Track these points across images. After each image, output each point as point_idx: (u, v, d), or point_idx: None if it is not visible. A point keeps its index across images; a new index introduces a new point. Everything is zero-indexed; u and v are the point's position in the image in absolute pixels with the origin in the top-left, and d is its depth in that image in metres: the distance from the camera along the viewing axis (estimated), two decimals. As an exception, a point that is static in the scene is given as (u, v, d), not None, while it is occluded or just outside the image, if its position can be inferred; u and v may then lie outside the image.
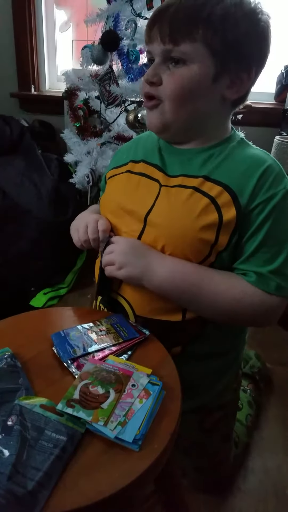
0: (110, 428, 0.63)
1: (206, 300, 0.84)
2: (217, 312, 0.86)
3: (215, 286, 0.84)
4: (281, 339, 1.88)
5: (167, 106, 0.83)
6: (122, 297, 0.93)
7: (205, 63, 0.79)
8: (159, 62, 0.82)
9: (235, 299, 0.83)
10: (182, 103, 0.82)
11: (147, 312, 0.90)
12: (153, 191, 0.89)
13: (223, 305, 0.84)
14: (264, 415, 1.51)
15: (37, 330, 0.86)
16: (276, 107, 2.35)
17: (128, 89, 1.72)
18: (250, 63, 0.82)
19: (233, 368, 1.06)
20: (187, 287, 0.84)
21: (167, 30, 0.79)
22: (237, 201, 0.82)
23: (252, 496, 1.24)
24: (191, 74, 0.80)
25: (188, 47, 0.78)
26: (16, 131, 2.35)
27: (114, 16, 1.70)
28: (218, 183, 0.83)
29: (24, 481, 0.55)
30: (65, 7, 2.57)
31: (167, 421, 0.67)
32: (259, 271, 0.82)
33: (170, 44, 0.79)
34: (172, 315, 0.88)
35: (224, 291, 0.83)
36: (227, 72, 0.80)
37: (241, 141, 0.91)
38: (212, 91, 0.82)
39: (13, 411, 0.64)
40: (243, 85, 0.83)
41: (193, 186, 0.84)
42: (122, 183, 0.96)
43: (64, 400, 0.67)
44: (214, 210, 0.82)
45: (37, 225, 2.04)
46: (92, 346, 0.80)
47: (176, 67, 0.80)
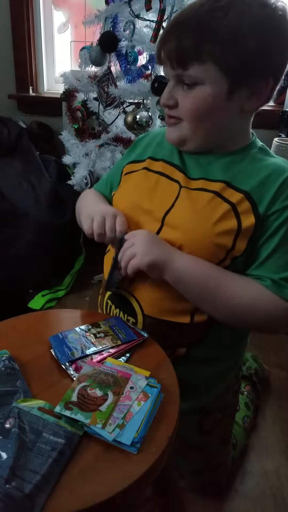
0: (108, 430, 0.63)
1: (222, 297, 0.83)
2: (231, 312, 0.84)
3: (233, 284, 0.83)
4: (278, 341, 1.88)
5: (186, 124, 0.84)
6: (132, 296, 0.92)
7: (217, 83, 0.78)
8: (173, 84, 0.83)
9: (251, 301, 0.82)
10: (200, 122, 0.83)
11: (156, 312, 0.89)
12: (172, 192, 0.89)
13: (238, 305, 0.83)
14: (262, 417, 1.51)
15: (35, 332, 0.86)
16: (275, 109, 2.35)
17: (127, 90, 1.71)
18: (265, 70, 0.79)
19: (234, 371, 1.06)
20: (206, 281, 0.83)
21: (174, 56, 0.79)
22: (256, 209, 0.82)
23: (249, 498, 1.24)
24: (204, 95, 0.80)
25: (198, 70, 0.78)
26: (14, 133, 2.34)
27: (113, 18, 1.69)
28: (239, 190, 0.83)
29: (22, 484, 0.55)
30: (63, 8, 2.57)
31: (166, 423, 0.67)
32: (273, 278, 0.81)
33: (180, 69, 0.80)
34: (181, 317, 0.88)
35: (240, 291, 0.82)
36: (244, 85, 0.79)
37: (262, 148, 0.91)
38: (228, 106, 0.81)
39: (11, 414, 0.63)
40: (263, 94, 0.81)
41: (214, 191, 0.85)
42: (139, 181, 0.95)
43: (62, 403, 0.66)
44: (234, 217, 0.82)
45: (35, 227, 2.04)
46: (90, 349, 0.80)
47: (189, 89, 0.81)
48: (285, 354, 1.83)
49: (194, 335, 0.91)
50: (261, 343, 1.84)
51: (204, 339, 0.92)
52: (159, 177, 0.92)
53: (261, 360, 1.66)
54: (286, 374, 1.71)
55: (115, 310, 0.97)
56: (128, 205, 0.94)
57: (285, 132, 2.17)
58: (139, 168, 0.97)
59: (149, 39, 1.62)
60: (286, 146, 1.99)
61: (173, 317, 0.89)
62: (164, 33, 0.83)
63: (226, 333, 0.93)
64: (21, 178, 2.14)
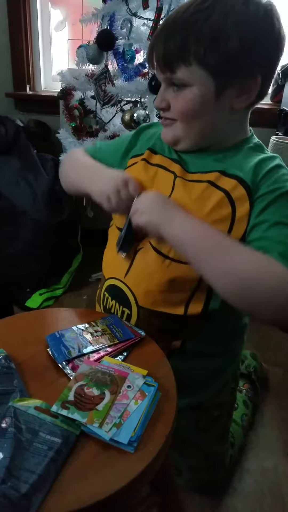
0: (105, 429, 0.63)
1: (226, 259, 0.75)
2: (234, 279, 0.73)
3: (238, 248, 0.76)
4: (276, 339, 1.88)
5: (179, 124, 0.86)
6: (127, 286, 0.93)
7: (204, 83, 0.80)
8: (164, 87, 0.86)
9: (255, 266, 0.73)
10: (191, 122, 0.85)
11: (150, 303, 0.90)
12: (169, 183, 0.90)
13: (243, 270, 0.73)
14: (260, 415, 1.51)
15: (32, 331, 0.86)
16: (272, 108, 2.34)
17: (124, 89, 1.71)
18: (254, 68, 0.80)
19: (232, 368, 1.06)
20: (208, 243, 0.77)
21: (162, 59, 0.82)
22: (250, 193, 0.82)
23: (247, 496, 1.24)
24: (193, 96, 0.81)
25: (185, 72, 0.80)
26: (11, 131, 2.34)
27: (110, 16, 1.69)
28: (233, 176, 0.84)
29: (18, 484, 0.55)
30: (60, 7, 2.57)
31: (163, 422, 0.67)
32: (279, 250, 0.75)
33: (168, 72, 0.82)
34: (175, 308, 0.89)
35: (247, 255, 0.75)
36: (231, 84, 0.80)
37: (257, 144, 0.92)
38: (217, 106, 0.82)
39: (7, 413, 0.63)
40: (252, 91, 0.82)
41: (208, 180, 0.86)
42: (140, 172, 0.96)
43: (59, 402, 0.66)
44: (228, 204, 0.83)
45: (33, 226, 2.04)
46: (87, 347, 0.80)
47: (179, 91, 0.83)
48: (283, 352, 1.83)
49: (188, 328, 0.91)
50: (259, 341, 1.84)
51: (199, 333, 0.92)
52: (157, 169, 0.94)
53: (260, 359, 1.65)
54: (284, 372, 1.72)
55: (111, 301, 0.98)
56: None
57: (282, 131, 2.17)
58: (138, 160, 0.98)
59: (147, 37, 1.62)
60: (283, 145, 1.99)
61: (167, 308, 0.89)
62: (153, 38, 0.85)
63: (222, 327, 0.93)
64: (18, 176, 2.13)
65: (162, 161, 0.94)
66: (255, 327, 1.89)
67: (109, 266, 1.01)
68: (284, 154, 1.99)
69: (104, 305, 1.01)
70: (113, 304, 0.97)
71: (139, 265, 0.91)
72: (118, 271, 0.96)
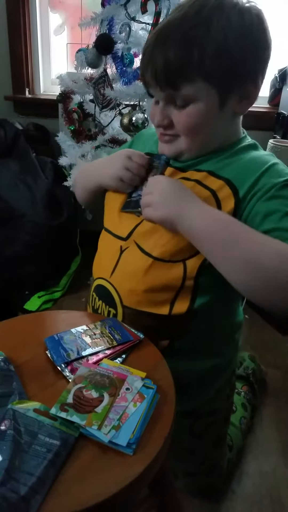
0: (104, 432, 0.63)
1: (242, 250, 0.72)
2: (256, 268, 0.70)
3: (257, 236, 0.74)
4: (274, 342, 1.89)
5: (183, 140, 0.86)
6: (112, 285, 0.93)
7: (209, 97, 0.80)
8: (164, 104, 0.84)
9: (278, 253, 0.69)
10: (197, 135, 0.85)
11: (135, 303, 0.90)
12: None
13: (264, 256, 0.70)
14: (259, 418, 1.51)
15: (31, 333, 0.86)
16: (270, 111, 2.35)
17: (123, 92, 1.72)
18: (255, 75, 0.82)
19: (225, 374, 1.05)
20: (221, 233, 0.75)
21: (163, 76, 0.79)
22: (237, 194, 0.82)
23: (246, 499, 1.24)
24: (199, 111, 0.81)
25: (189, 89, 0.79)
26: (10, 134, 2.34)
27: (109, 20, 1.70)
28: (221, 177, 0.85)
29: (17, 486, 0.55)
30: (59, 11, 2.57)
31: (161, 425, 0.67)
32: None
33: (170, 90, 0.81)
34: (160, 308, 0.89)
35: (266, 242, 0.72)
36: (234, 92, 0.81)
37: (251, 143, 0.92)
38: (222, 114, 0.83)
39: (6, 416, 0.63)
40: (252, 96, 0.84)
41: (196, 179, 0.86)
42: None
43: (57, 404, 0.66)
44: (214, 203, 0.83)
45: (32, 229, 2.04)
46: (86, 350, 0.80)
47: (182, 107, 0.82)
48: (281, 354, 1.83)
49: (175, 327, 0.91)
50: (258, 343, 1.85)
51: (186, 332, 0.91)
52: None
53: (258, 361, 1.66)
54: (282, 374, 1.72)
55: (98, 301, 0.98)
56: (122, 200, 0.95)
57: (280, 134, 2.17)
58: None
59: (145, 41, 1.62)
60: (281, 148, 1.99)
61: (152, 308, 0.89)
62: (148, 53, 0.82)
63: (209, 325, 0.93)
64: (17, 179, 2.14)
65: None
66: (253, 330, 1.90)
67: (97, 266, 1.02)
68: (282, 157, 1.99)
69: (92, 306, 1.02)
70: (100, 304, 0.97)
71: (123, 264, 0.92)
72: (104, 270, 0.96)
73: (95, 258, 1.03)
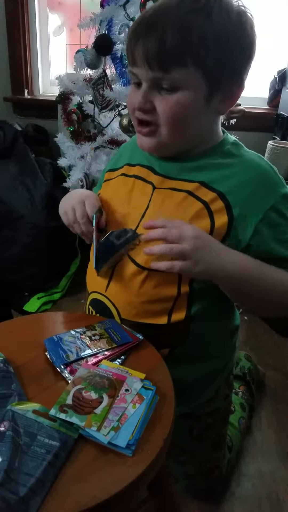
0: (103, 433, 0.63)
1: (265, 290, 0.83)
2: (274, 302, 0.86)
3: (273, 274, 0.83)
4: (273, 344, 1.89)
5: (164, 130, 0.81)
6: (108, 299, 0.93)
7: (198, 86, 0.77)
8: (148, 87, 0.79)
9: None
10: (179, 127, 0.81)
11: (133, 315, 0.90)
12: (147, 194, 0.89)
13: (282, 293, 0.84)
14: (258, 420, 1.51)
15: (31, 335, 0.86)
16: (269, 112, 2.36)
17: (122, 93, 1.72)
18: (241, 75, 0.81)
19: (223, 375, 1.05)
20: (251, 279, 0.82)
21: (155, 55, 0.74)
22: (230, 210, 0.81)
23: (245, 501, 1.24)
24: (185, 100, 0.77)
25: (180, 74, 0.75)
26: (10, 136, 2.34)
27: (108, 21, 1.70)
28: (214, 190, 0.83)
29: (16, 488, 0.55)
30: (58, 12, 2.58)
31: (161, 426, 0.67)
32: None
33: (160, 72, 0.75)
34: (158, 318, 0.88)
35: (283, 281, 0.83)
36: (220, 88, 0.79)
37: (235, 143, 0.90)
38: (206, 109, 0.81)
39: (6, 417, 0.63)
40: (235, 97, 0.82)
41: (187, 190, 0.84)
42: (117, 187, 0.96)
43: (57, 406, 0.66)
44: (207, 215, 0.82)
45: (31, 230, 2.04)
46: (85, 351, 0.80)
47: (168, 94, 0.77)
48: (280, 355, 1.83)
49: (175, 335, 0.90)
50: (256, 345, 1.84)
51: (187, 339, 0.91)
52: (134, 180, 0.92)
53: (254, 360, 1.65)
54: (281, 376, 1.72)
55: (96, 315, 0.97)
56: (108, 212, 0.94)
57: (280, 135, 2.18)
58: (117, 175, 0.97)
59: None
60: (280, 149, 2.00)
61: (150, 319, 0.88)
62: (139, 30, 0.77)
63: (209, 331, 0.93)
64: (16, 180, 2.13)
65: (140, 172, 0.93)
66: (251, 332, 1.90)
67: (90, 279, 1.01)
68: (281, 158, 2.00)
69: None
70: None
71: (118, 277, 0.90)
72: (99, 284, 0.95)
73: (88, 271, 1.02)
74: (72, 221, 0.93)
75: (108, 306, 0.93)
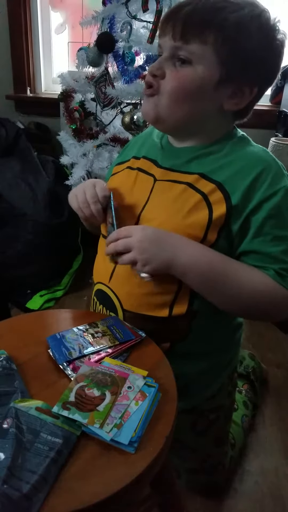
0: (105, 430, 0.63)
1: (229, 291, 0.83)
2: (237, 303, 0.85)
3: (239, 277, 0.83)
4: (276, 341, 1.89)
5: (164, 100, 0.83)
6: (111, 290, 0.94)
7: (210, 68, 0.79)
8: (166, 57, 0.82)
9: (257, 291, 0.83)
10: (179, 102, 0.82)
11: (135, 307, 0.91)
12: (147, 186, 0.91)
13: (245, 297, 0.83)
14: (260, 416, 1.51)
15: (33, 332, 0.86)
16: (271, 109, 2.35)
17: (124, 91, 1.72)
18: (255, 77, 0.81)
19: (226, 371, 1.05)
20: (212, 275, 0.83)
21: (180, 27, 0.78)
22: (229, 200, 0.82)
23: (248, 497, 1.24)
24: (195, 76, 0.79)
25: (197, 48, 0.78)
26: (12, 133, 2.34)
27: (110, 18, 1.70)
28: (212, 181, 0.84)
29: (19, 484, 0.55)
30: (60, 9, 2.58)
31: (163, 423, 0.67)
32: (275, 268, 0.82)
33: (180, 42, 0.79)
34: (159, 310, 0.89)
35: (247, 283, 0.82)
36: (230, 81, 0.80)
37: (242, 137, 0.91)
38: (211, 96, 0.82)
39: (9, 414, 0.63)
40: (244, 98, 0.82)
41: (187, 182, 0.85)
42: (122, 179, 0.98)
43: (59, 403, 0.66)
44: (205, 207, 0.83)
45: (33, 228, 2.04)
46: (88, 348, 0.80)
47: (181, 66, 0.80)
48: (283, 353, 1.83)
49: (175, 329, 0.91)
50: (259, 342, 1.84)
51: (187, 333, 0.92)
52: (137, 173, 0.94)
53: (258, 359, 1.66)
54: (284, 373, 1.72)
55: (99, 306, 0.99)
56: (114, 205, 0.94)
57: (282, 132, 2.17)
58: (123, 168, 0.99)
59: (146, 40, 1.62)
60: (282, 146, 1.99)
61: (152, 311, 0.89)
62: (175, 6, 0.82)
63: (209, 324, 0.93)
64: (19, 178, 2.13)
65: (143, 164, 0.95)
66: (254, 329, 1.90)
67: (96, 271, 1.03)
68: (283, 155, 1.99)
69: (94, 310, 1.02)
70: (100, 309, 0.99)
71: (120, 269, 0.91)
72: (103, 275, 0.97)
73: (95, 262, 1.04)
74: (82, 201, 0.92)
75: (111, 297, 0.94)
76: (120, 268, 0.91)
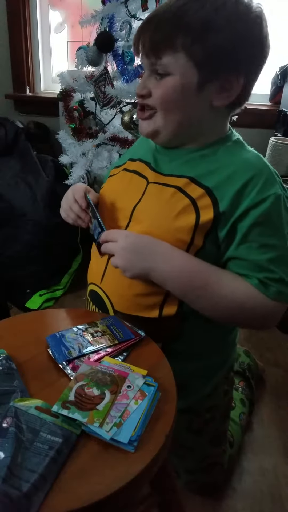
0: (105, 429, 0.63)
1: (210, 301, 0.84)
2: (219, 312, 0.86)
3: (221, 288, 0.83)
4: (275, 340, 1.89)
5: (159, 115, 0.85)
6: (103, 291, 0.95)
7: (187, 73, 0.79)
8: (147, 74, 0.85)
9: (239, 302, 0.83)
10: (170, 111, 0.84)
11: (125, 308, 0.92)
12: (140, 188, 0.92)
13: (226, 306, 0.84)
14: (259, 416, 1.51)
15: (33, 332, 0.86)
16: (271, 109, 2.35)
17: (123, 90, 1.72)
18: (239, 67, 0.80)
19: (222, 370, 1.05)
20: (193, 288, 0.84)
21: (148, 44, 0.80)
22: (217, 206, 0.82)
23: (247, 496, 1.24)
24: (174, 84, 0.81)
25: (170, 59, 0.79)
26: (11, 133, 2.34)
27: (109, 18, 1.70)
28: (202, 186, 0.84)
29: (19, 483, 0.55)
30: (60, 8, 2.57)
31: (163, 422, 0.68)
32: (258, 277, 0.82)
33: (153, 58, 0.81)
34: (150, 311, 0.90)
35: (228, 294, 0.83)
36: (214, 78, 0.80)
37: (237, 141, 0.90)
38: (198, 99, 0.82)
39: (8, 413, 0.64)
40: (234, 90, 0.82)
41: (177, 186, 0.86)
42: (117, 181, 0.99)
43: (59, 402, 0.66)
44: (193, 211, 0.83)
45: (33, 227, 2.04)
46: (87, 348, 0.80)
47: (162, 79, 0.82)
48: (282, 352, 1.83)
49: (166, 329, 0.91)
50: (257, 341, 1.85)
51: (179, 334, 0.92)
52: (132, 175, 0.95)
53: (253, 356, 1.65)
54: (282, 372, 1.72)
55: (93, 306, 1.00)
56: (108, 206, 0.97)
57: (282, 132, 2.17)
58: (119, 171, 1.01)
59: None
60: (282, 146, 1.99)
61: (142, 312, 0.90)
62: (142, 23, 0.84)
63: (202, 328, 0.93)
64: (18, 178, 2.13)
65: (138, 167, 0.96)
66: (254, 328, 1.90)
67: (90, 271, 1.04)
68: (283, 155, 2.00)
69: (89, 310, 1.03)
70: (94, 309, 1.00)
71: (112, 270, 0.91)
72: (95, 276, 0.99)
73: (89, 263, 1.06)
74: (65, 209, 1.01)
75: (102, 298, 0.95)
76: (111, 269, 0.92)
